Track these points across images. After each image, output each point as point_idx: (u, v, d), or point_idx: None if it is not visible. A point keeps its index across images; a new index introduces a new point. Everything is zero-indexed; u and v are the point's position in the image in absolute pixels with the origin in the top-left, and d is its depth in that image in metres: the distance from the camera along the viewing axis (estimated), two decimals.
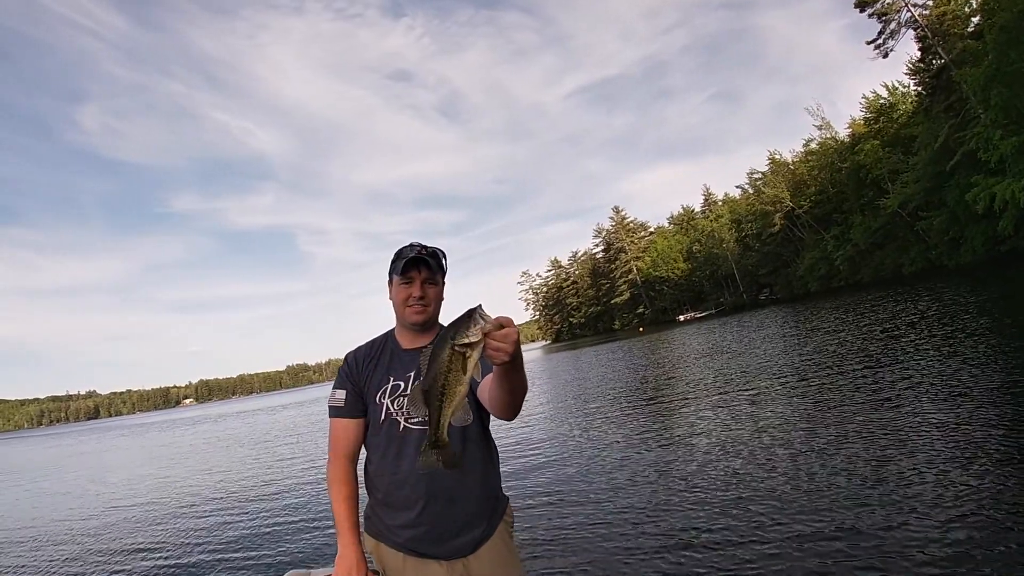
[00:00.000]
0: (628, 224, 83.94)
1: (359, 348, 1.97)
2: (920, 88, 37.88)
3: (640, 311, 79.14)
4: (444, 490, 1.76)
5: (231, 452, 16.33)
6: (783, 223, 54.33)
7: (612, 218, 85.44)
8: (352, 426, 1.87)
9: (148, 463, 17.29)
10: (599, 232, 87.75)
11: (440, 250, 1.89)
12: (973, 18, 31.53)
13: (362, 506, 1.89)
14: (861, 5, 35.95)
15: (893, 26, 35.53)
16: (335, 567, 1.78)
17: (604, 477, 6.28)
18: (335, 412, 1.88)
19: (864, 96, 45.80)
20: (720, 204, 70.67)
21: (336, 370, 1.97)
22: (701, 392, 10.50)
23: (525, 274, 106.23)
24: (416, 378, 1.81)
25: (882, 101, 43.86)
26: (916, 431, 5.49)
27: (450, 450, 1.46)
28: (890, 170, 39.65)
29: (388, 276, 1.91)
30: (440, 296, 1.92)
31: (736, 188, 66.57)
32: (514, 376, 1.41)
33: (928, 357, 8.81)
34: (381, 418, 1.83)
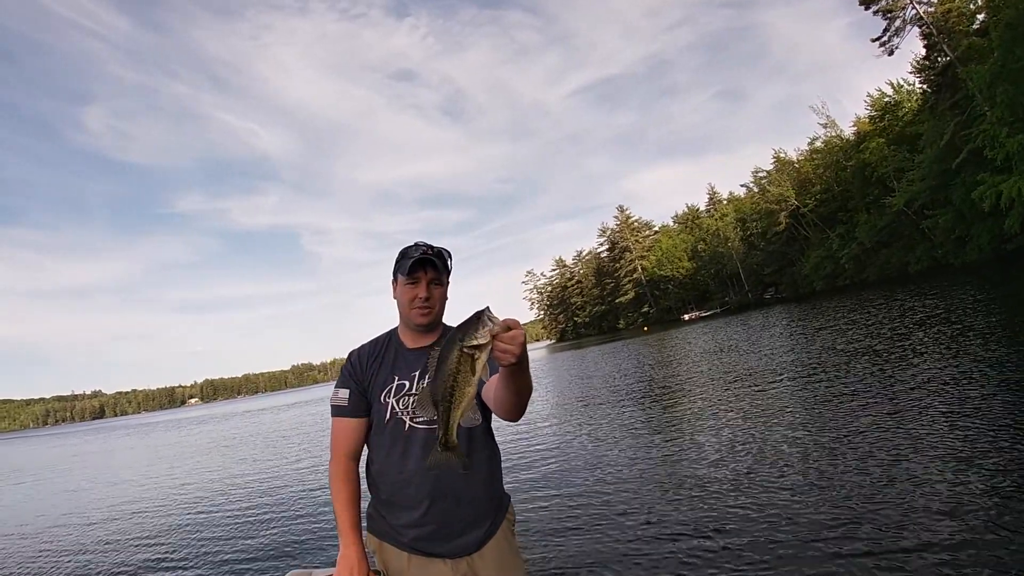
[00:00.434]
0: (633, 223, 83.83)
1: (362, 346, 1.97)
2: (925, 86, 37.66)
3: (645, 310, 79.05)
4: (450, 489, 1.76)
5: (235, 451, 16.37)
6: (788, 222, 54.09)
7: (617, 217, 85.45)
8: (355, 425, 1.86)
9: (152, 462, 17.34)
10: (604, 231, 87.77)
11: (445, 250, 1.88)
12: (979, 15, 31.39)
13: (363, 506, 1.89)
14: (866, 2, 35.77)
15: (898, 23, 35.34)
16: (337, 567, 1.77)
17: (609, 476, 6.26)
18: (338, 411, 1.87)
19: (869, 94, 45.71)
20: (725, 203, 70.46)
21: (341, 369, 1.96)
22: (707, 391, 10.47)
23: (529, 273, 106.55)
24: (421, 377, 1.82)
25: (887, 99, 43.61)
26: (927, 429, 5.45)
27: (460, 450, 1.49)
28: (895, 168, 39.47)
29: (393, 275, 1.91)
30: (445, 296, 1.91)
31: (741, 187, 66.44)
32: (520, 377, 1.42)
33: (937, 355, 8.75)
34: (386, 418, 1.83)
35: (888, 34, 36.12)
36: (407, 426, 1.80)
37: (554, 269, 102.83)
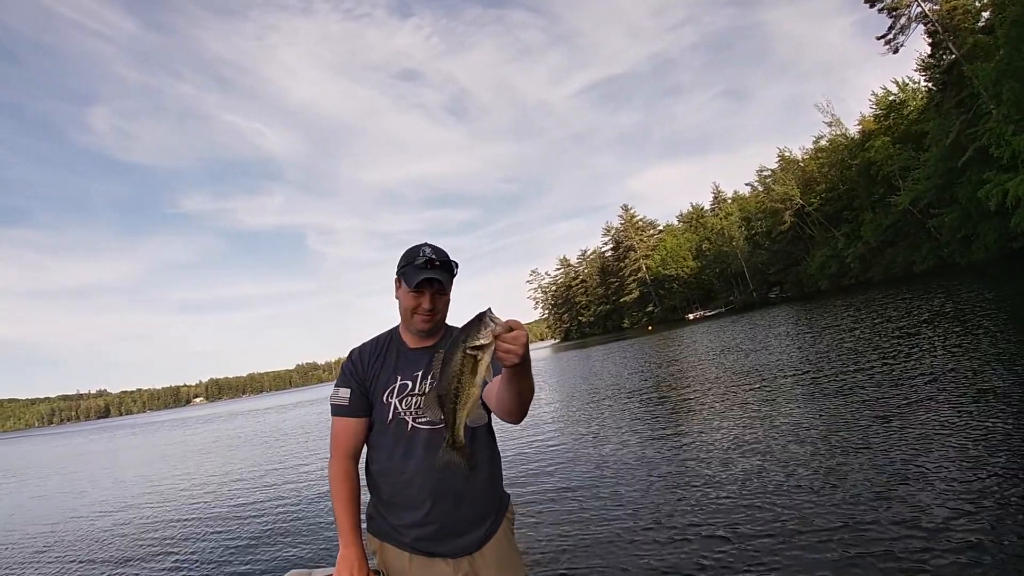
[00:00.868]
0: (637, 222, 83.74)
1: (364, 345, 1.95)
2: (931, 84, 37.43)
3: (649, 309, 78.93)
4: (452, 489, 1.75)
5: (238, 451, 16.41)
6: (793, 221, 53.94)
7: (621, 216, 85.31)
8: (355, 425, 1.85)
9: (156, 462, 17.39)
10: (608, 230, 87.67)
11: (453, 261, 1.85)
12: (984, 13, 31.18)
13: (363, 506, 1.88)
14: (871, 0, 35.64)
15: (903, 21, 35.11)
16: (336, 567, 1.76)
17: (613, 475, 6.22)
18: (338, 411, 1.86)
19: (874, 92, 45.51)
20: (730, 202, 70.26)
21: (341, 368, 1.94)
22: (713, 390, 10.42)
23: (534, 273, 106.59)
24: (424, 377, 1.82)
25: (892, 97, 43.45)
26: (936, 427, 5.41)
27: (467, 450, 1.52)
28: (901, 167, 39.27)
29: (396, 275, 1.88)
30: (448, 302, 1.90)
31: (746, 186, 66.31)
32: (522, 379, 1.43)
33: (944, 354, 8.70)
34: (388, 417, 1.82)
35: (893, 32, 35.91)
36: (410, 426, 1.79)
37: (558, 268, 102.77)
